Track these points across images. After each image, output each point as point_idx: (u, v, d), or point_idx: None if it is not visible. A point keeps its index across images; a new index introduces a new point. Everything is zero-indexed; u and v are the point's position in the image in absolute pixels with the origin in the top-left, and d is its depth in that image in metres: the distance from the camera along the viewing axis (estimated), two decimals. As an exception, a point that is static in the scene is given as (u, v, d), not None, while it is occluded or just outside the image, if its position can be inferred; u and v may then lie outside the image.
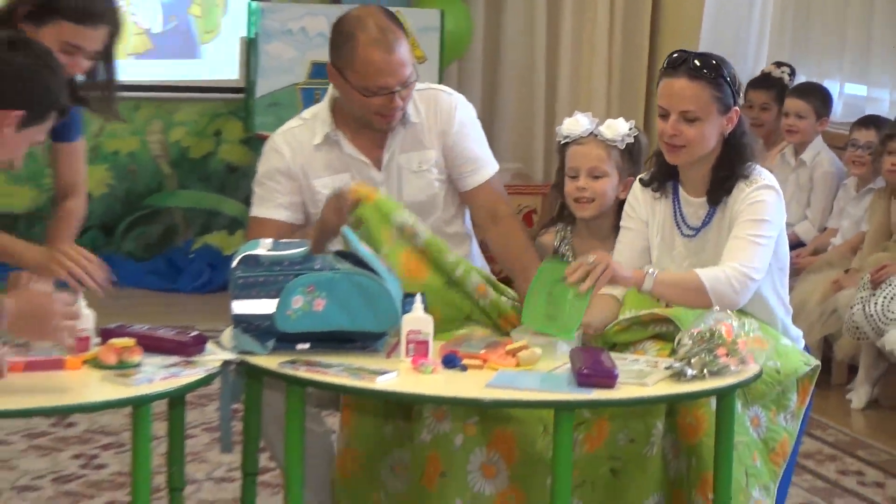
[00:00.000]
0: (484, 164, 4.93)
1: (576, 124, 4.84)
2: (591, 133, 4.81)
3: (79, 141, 4.78)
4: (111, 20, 4.47)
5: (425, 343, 4.24)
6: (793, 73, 8.09)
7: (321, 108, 4.96)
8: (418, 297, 4.34)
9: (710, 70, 4.46)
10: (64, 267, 4.19)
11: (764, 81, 8.10)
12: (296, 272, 4.30)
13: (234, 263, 4.36)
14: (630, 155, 4.82)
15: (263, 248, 4.40)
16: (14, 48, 3.87)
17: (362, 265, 4.34)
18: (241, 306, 4.30)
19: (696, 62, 4.47)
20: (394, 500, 4.68)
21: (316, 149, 4.88)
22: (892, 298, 6.57)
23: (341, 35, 4.85)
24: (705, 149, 4.48)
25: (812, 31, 8.45)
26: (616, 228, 4.77)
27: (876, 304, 6.63)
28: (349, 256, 4.39)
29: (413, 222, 4.64)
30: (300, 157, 4.84)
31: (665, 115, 4.46)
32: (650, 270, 4.30)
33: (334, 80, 4.87)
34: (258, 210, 4.96)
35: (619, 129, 4.80)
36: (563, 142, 4.90)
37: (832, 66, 8.30)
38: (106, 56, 4.58)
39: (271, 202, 4.87)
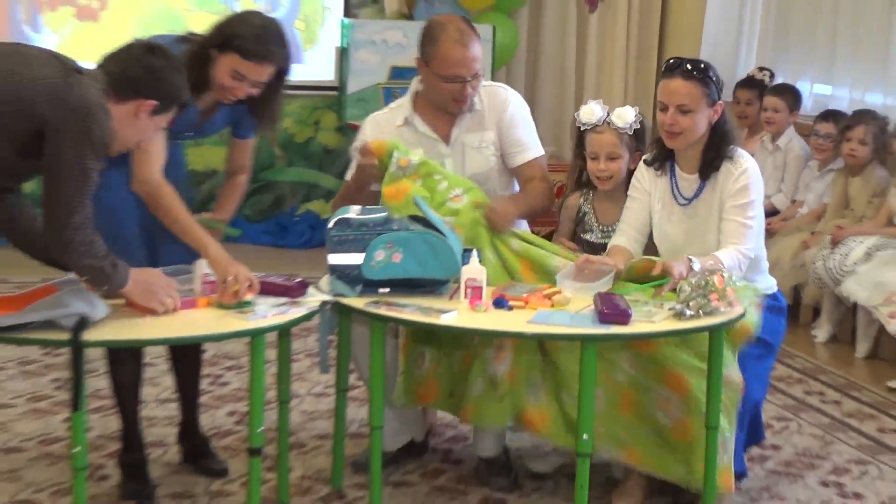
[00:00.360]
0: (528, 148, 4.90)
1: (591, 113, 4.84)
2: (606, 121, 4.80)
3: (251, 139, 4.85)
4: (277, 61, 4.45)
5: (480, 288, 4.25)
6: (772, 76, 8.06)
7: (404, 100, 5.00)
8: (474, 252, 4.37)
9: (700, 72, 4.49)
10: (230, 284, 4.22)
11: (749, 82, 8.08)
12: (378, 232, 4.34)
13: (330, 225, 4.41)
14: (637, 136, 4.82)
15: (353, 212, 4.45)
16: (152, 53, 3.94)
17: (431, 227, 4.35)
18: (335, 258, 4.35)
19: (689, 66, 4.51)
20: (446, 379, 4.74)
21: (398, 129, 4.89)
22: (846, 255, 6.56)
23: (429, 34, 4.87)
24: (697, 135, 4.49)
25: (789, 41, 8.38)
26: (626, 191, 4.76)
27: (834, 259, 6.62)
28: (420, 220, 4.40)
29: (404, 152, 4.68)
30: (382, 136, 4.84)
31: (664, 109, 4.49)
32: (693, 260, 4.31)
33: (421, 69, 4.89)
34: (349, 174, 5.00)
35: (627, 117, 4.80)
36: (582, 128, 4.89)
37: (804, 70, 8.24)
38: (274, 88, 4.56)
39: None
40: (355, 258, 4.34)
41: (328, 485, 4.76)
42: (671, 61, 4.60)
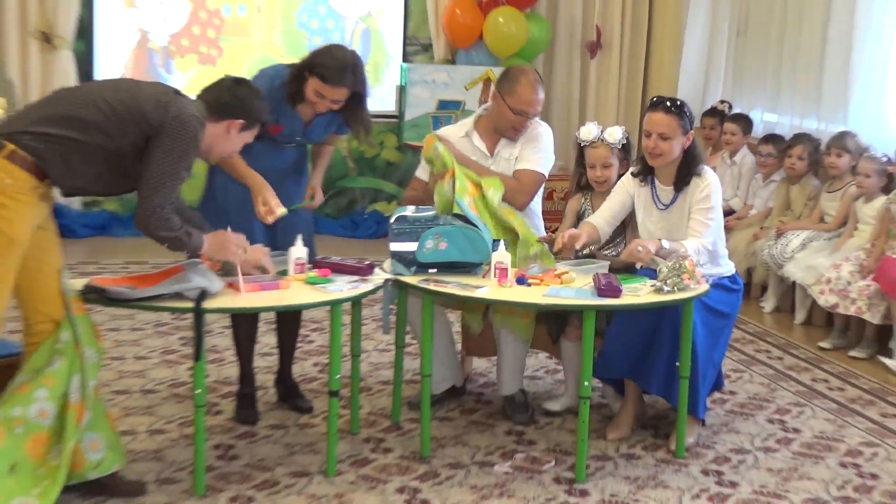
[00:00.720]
0: (527, 161, 4.86)
1: (589, 132, 4.88)
2: (600, 138, 4.87)
3: (343, 135, 4.92)
4: (350, 84, 4.46)
5: (505, 269, 4.33)
6: (730, 107, 8.00)
7: (468, 120, 5.00)
8: (501, 242, 4.44)
9: (677, 108, 4.53)
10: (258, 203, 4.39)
11: (712, 112, 8.00)
12: (428, 226, 4.41)
13: (392, 220, 4.49)
14: (624, 149, 4.87)
15: (409, 211, 4.52)
16: (238, 84, 4.03)
17: (468, 223, 4.44)
18: (395, 246, 4.42)
19: (668, 103, 4.56)
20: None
21: (459, 139, 4.91)
22: (786, 245, 6.58)
23: (510, 75, 4.89)
24: (673, 156, 4.56)
25: (744, 79, 8.25)
26: None
27: (777, 248, 6.65)
28: (461, 217, 4.47)
29: (442, 152, 4.73)
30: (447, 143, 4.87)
31: (649, 135, 4.54)
32: (664, 242, 4.39)
33: (496, 101, 4.90)
34: (417, 173, 5.07)
35: (616, 135, 4.85)
36: (582, 144, 4.94)
37: (756, 101, 8.16)
38: (355, 105, 4.59)
39: (423, 169, 4.96)
40: (410, 246, 4.40)
41: (389, 419, 4.80)
42: (655, 99, 4.65)
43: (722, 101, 8.13)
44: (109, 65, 8.75)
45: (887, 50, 6.86)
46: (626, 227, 4.88)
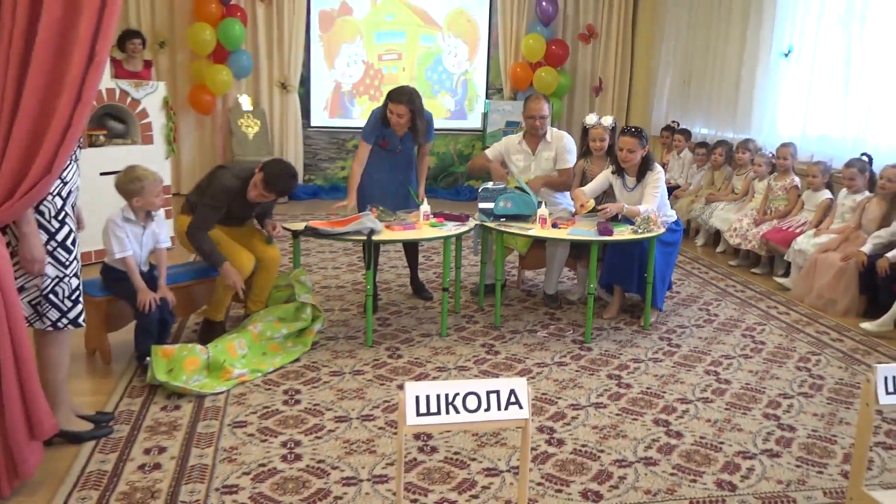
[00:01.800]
0: (565, 162, 4.64)
1: (591, 119, 4.71)
2: (598, 123, 4.69)
3: (431, 142, 4.64)
4: (406, 102, 4.23)
5: (545, 219, 4.22)
6: (678, 124, 7.76)
7: (520, 133, 4.79)
8: (543, 204, 4.33)
9: (637, 132, 4.36)
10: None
11: (668, 127, 7.73)
12: (500, 193, 4.32)
13: (479, 190, 4.41)
14: (613, 130, 4.63)
15: (490, 185, 4.43)
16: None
17: (524, 192, 4.34)
18: (482, 205, 4.35)
19: (633, 129, 4.38)
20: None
21: (515, 144, 4.73)
22: (712, 209, 6.42)
23: (527, 98, 4.73)
24: (635, 161, 4.36)
25: (689, 108, 8.07)
26: (605, 161, 4.63)
27: (706, 210, 6.49)
28: (518, 189, 4.37)
29: (515, 177, 4.59)
30: (507, 143, 4.73)
31: (621, 149, 4.36)
32: (625, 207, 4.27)
33: (523, 115, 4.75)
34: (486, 151, 4.80)
35: (609, 121, 4.68)
36: (586, 126, 4.74)
37: (695, 120, 7.93)
38: (414, 121, 4.32)
39: (494, 151, 4.76)
40: (490, 205, 4.32)
41: (476, 304, 4.71)
42: (623, 128, 4.46)
43: (673, 121, 7.87)
44: (318, 101, 8.75)
45: (776, 88, 6.62)
46: (606, 196, 4.68)
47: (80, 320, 2.76)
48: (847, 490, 2.50)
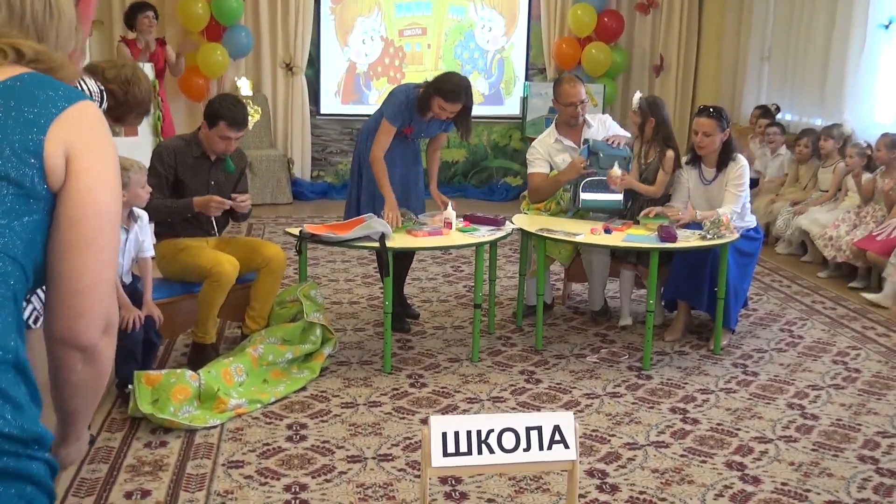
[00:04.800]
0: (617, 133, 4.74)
1: (634, 99, 4.74)
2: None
3: (447, 133, 4.69)
4: (463, 102, 4.29)
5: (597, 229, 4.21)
6: (778, 108, 7.66)
7: (550, 128, 4.79)
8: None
9: (716, 113, 4.40)
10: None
11: (763, 109, 7.65)
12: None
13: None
14: (642, 109, 4.60)
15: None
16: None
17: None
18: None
19: (710, 110, 4.42)
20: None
21: (551, 144, 4.70)
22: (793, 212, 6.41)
23: (555, 85, 4.79)
24: (714, 147, 4.39)
25: (768, 85, 7.96)
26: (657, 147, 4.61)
27: (792, 213, 6.47)
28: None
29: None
30: (545, 148, 4.72)
31: (696, 133, 4.41)
32: (697, 212, 4.32)
33: (555, 104, 4.79)
34: (532, 169, 4.76)
35: (635, 100, 4.67)
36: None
37: (778, 103, 7.82)
38: (464, 116, 4.38)
39: (541, 163, 4.75)
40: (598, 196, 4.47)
41: (514, 323, 4.73)
42: (700, 107, 4.50)
43: (772, 104, 7.69)
44: (329, 85, 8.83)
45: (874, 66, 6.58)
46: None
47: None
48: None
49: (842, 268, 5.96)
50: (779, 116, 7.60)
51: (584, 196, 4.47)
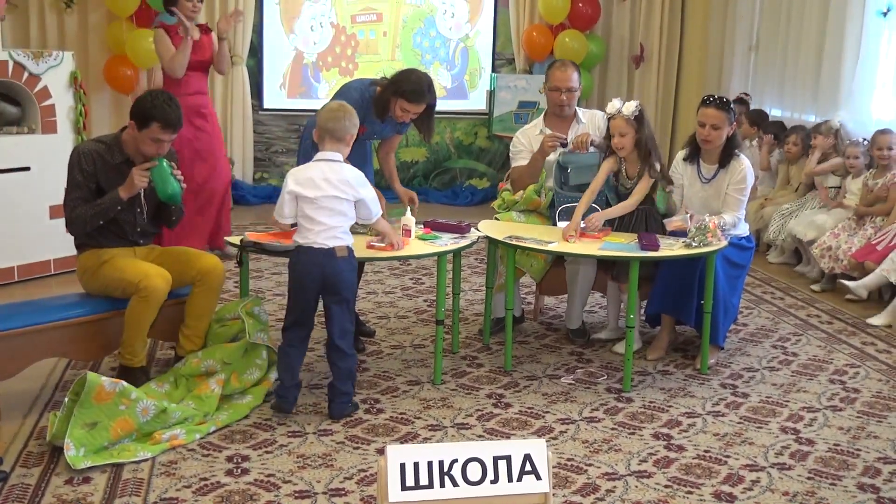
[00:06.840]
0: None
1: (612, 107, 4.67)
2: (619, 111, 4.66)
3: (402, 135, 4.75)
4: (427, 101, 4.30)
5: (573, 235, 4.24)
6: (750, 99, 7.81)
7: (538, 119, 4.90)
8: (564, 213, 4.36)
9: (725, 104, 4.45)
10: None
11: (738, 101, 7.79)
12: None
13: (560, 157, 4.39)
14: (636, 118, 4.53)
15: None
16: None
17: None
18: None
19: (719, 100, 4.47)
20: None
21: (536, 136, 4.76)
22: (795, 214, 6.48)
23: (550, 66, 4.87)
24: (720, 142, 4.46)
25: (756, 77, 8.09)
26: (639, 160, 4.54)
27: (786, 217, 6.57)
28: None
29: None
30: (529, 140, 4.78)
31: (703, 125, 4.46)
32: (693, 215, 4.32)
33: (544, 92, 4.88)
34: (514, 163, 4.86)
35: (631, 108, 4.64)
36: (608, 117, 4.72)
37: (768, 97, 7.93)
38: (427, 116, 4.39)
39: (523, 155, 4.79)
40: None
41: (481, 342, 4.75)
42: (707, 97, 4.54)
43: (743, 93, 7.83)
44: (273, 77, 8.82)
45: (872, 56, 6.69)
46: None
47: None
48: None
49: (835, 280, 6.05)
50: (771, 114, 7.73)
51: (560, 224, 4.49)
